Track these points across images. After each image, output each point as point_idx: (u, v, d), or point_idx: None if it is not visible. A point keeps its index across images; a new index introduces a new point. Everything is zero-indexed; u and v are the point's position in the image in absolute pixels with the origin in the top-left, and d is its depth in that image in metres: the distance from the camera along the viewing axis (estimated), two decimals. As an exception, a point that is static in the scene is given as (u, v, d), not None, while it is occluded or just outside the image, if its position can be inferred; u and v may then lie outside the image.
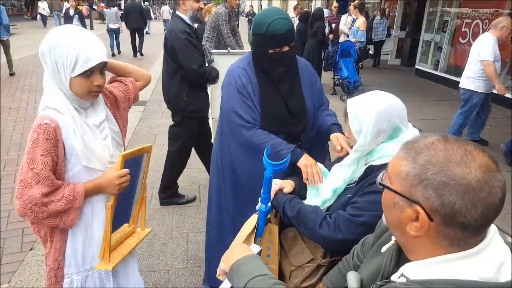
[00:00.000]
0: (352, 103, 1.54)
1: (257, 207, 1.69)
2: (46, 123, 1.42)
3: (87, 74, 1.45)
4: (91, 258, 1.67)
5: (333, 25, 9.91)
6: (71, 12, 11.74)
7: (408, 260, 0.88)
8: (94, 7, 29.32)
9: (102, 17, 29.63)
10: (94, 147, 1.55)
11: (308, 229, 1.57)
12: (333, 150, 1.92)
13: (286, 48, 1.93)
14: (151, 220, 3.44)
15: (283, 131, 2.06)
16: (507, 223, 3.63)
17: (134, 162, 1.68)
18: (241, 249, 1.19)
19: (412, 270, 0.84)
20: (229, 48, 5.63)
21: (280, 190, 1.75)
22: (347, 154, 1.69)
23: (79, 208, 1.52)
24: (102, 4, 34.43)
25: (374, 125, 1.44)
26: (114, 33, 13.09)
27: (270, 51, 1.92)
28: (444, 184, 0.75)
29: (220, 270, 1.19)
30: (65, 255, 1.62)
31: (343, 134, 1.93)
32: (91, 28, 22.15)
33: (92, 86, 1.48)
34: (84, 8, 18.63)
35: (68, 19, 11.69)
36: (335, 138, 1.91)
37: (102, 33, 19.17)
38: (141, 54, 13.50)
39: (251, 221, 1.68)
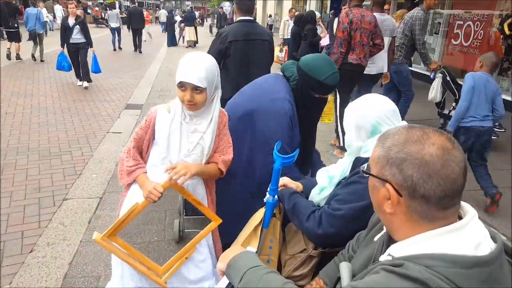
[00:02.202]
0: (348, 105, 1.72)
1: (264, 199, 1.80)
2: (151, 112, 2.02)
3: (182, 88, 1.85)
4: None
5: None
6: (71, 21, 8.41)
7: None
8: (89, 11, 29.33)
9: (96, 21, 29.74)
10: (175, 143, 1.96)
11: (299, 222, 1.70)
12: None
13: (327, 96, 2.19)
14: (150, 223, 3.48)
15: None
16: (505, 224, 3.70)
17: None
18: (236, 248, 1.27)
19: (397, 249, 0.92)
20: None
21: (285, 186, 1.89)
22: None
23: (126, 181, 2.02)
24: (97, 8, 34.58)
25: (355, 123, 1.63)
26: (115, 31, 15.60)
27: (316, 95, 2.12)
28: (403, 160, 0.87)
29: (218, 269, 1.25)
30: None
31: None
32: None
33: (183, 98, 1.86)
34: (78, 12, 18.53)
35: (66, 31, 8.46)
36: None
37: (97, 37, 19.33)
38: (140, 52, 15.50)
39: (258, 214, 1.80)
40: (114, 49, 15.81)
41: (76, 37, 8.53)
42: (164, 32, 22.44)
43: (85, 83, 8.76)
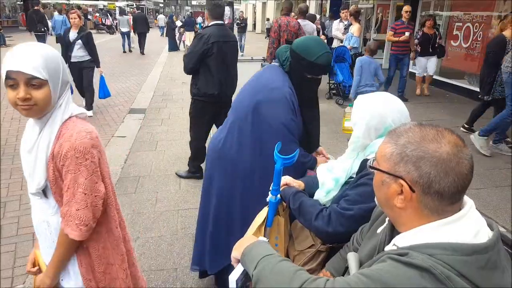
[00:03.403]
0: (359, 98, 1.73)
1: (267, 199, 1.82)
2: None
3: (13, 86, 1.36)
4: None
5: (407, 33, 8.03)
6: (72, 35, 6.66)
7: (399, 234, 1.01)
8: (89, 17, 29.51)
9: (97, 26, 29.93)
10: (23, 167, 1.55)
11: (306, 221, 1.71)
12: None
13: (320, 76, 2.20)
14: (157, 222, 3.57)
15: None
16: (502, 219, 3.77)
17: None
18: (250, 238, 1.34)
19: (401, 239, 0.98)
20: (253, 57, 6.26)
21: (287, 185, 1.90)
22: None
23: None
24: (97, 14, 34.77)
25: (367, 121, 1.63)
26: (125, 35, 17.35)
27: (309, 76, 2.15)
28: (420, 157, 0.92)
29: (232, 257, 1.32)
30: None
31: None
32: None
33: (16, 98, 1.37)
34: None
35: (68, 46, 6.70)
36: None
37: (98, 43, 19.58)
38: (143, 53, 16.85)
39: (262, 213, 1.82)
40: (124, 51, 17.38)
41: (78, 54, 6.73)
42: (162, 36, 22.81)
43: (89, 112, 6.73)
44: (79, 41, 6.64)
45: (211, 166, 2.43)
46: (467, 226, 0.92)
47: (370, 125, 1.63)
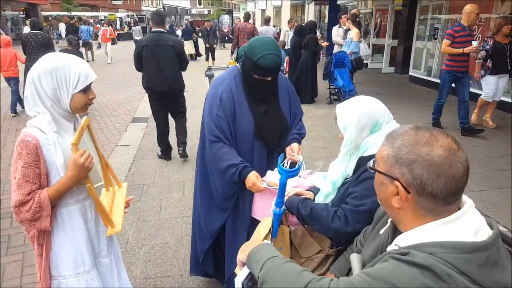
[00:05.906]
0: (339, 106, 1.77)
1: (271, 210, 1.83)
2: (28, 140, 1.57)
3: (85, 89, 1.68)
4: (77, 262, 1.78)
5: (475, 42, 5.89)
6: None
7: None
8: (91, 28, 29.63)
9: (97, 37, 30.08)
10: None
11: (322, 225, 1.71)
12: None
13: (269, 78, 2.15)
14: (162, 229, 3.60)
15: (255, 147, 2.26)
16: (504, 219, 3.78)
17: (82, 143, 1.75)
18: (255, 241, 1.37)
19: (402, 239, 1.01)
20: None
21: (296, 194, 1.90)
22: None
23: (48, 216, 1.61)
24: (98, 25, 34.86)
25: (357, 122, 1.67)
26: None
27: (255, 76, 2.13)
28: (414, 160, 0.95)
29: (237, 261, 1.34)
30: (50, 258, 1.74)
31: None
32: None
33: (87, 100, 1.72)
34: None
35: None
36: (289, 149, 2.27)
37: (99, 53, 19.81)
38: None
39: (266, 224, 1.82)
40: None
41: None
42: None
43: None
44: None
45: None
46: (467, 225, 0.95)
47: (361, 125, 1.67)
